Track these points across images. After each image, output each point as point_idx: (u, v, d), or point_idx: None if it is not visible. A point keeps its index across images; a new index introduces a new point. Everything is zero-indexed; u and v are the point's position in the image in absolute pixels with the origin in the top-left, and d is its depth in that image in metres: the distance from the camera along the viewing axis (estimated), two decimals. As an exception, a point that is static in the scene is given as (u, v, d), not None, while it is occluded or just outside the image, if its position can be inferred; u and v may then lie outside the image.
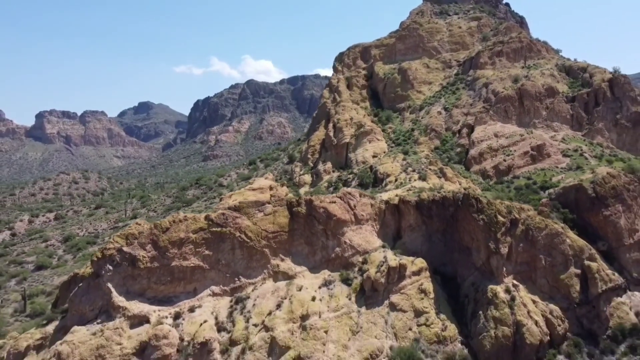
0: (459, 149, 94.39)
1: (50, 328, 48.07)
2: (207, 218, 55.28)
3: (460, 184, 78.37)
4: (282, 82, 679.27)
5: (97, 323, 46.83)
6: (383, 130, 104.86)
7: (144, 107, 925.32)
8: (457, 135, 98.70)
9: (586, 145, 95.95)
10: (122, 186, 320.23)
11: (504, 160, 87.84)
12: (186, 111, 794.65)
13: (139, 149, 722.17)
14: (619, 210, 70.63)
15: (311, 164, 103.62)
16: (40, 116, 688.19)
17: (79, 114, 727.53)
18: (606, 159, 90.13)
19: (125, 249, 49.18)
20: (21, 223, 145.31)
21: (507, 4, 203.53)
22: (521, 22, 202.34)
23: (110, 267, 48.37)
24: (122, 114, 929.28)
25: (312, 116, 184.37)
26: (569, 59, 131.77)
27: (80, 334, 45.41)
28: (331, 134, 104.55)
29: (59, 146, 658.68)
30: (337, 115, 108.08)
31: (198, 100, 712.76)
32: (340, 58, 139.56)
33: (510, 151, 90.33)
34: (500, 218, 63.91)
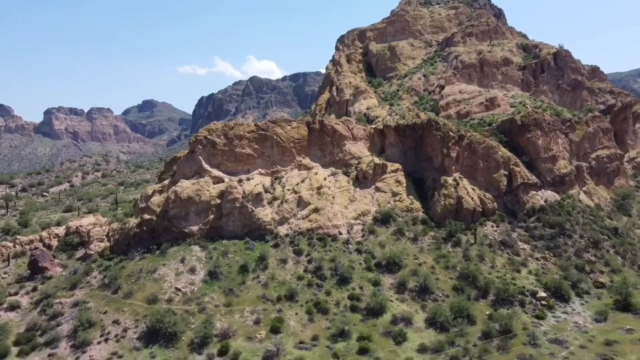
0: (432, 102, 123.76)
1: (165, 182, 77.64)
2: (255, 125, 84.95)
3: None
4: (284, 79, 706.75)
5: (194, 179, 76.39)
6: (375, 92, 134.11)
7: (148, 105, 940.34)
8: (432, 93, 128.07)
9: (530, 100, 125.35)
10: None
11: (464, 108, 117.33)
12: (189, 110, 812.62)
13: (144, 145, 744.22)
14: (538, 134, 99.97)
15: (319, 118, 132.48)
16: (48, 113, 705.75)
17: (85, 110, 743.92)
18: (542, 108, 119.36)
19: (208, 137, 78.85)
20: (77, 178, 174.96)
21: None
22: (499, 13, 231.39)
23: (200, 147, 78.03)
24: (127, 111, 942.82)
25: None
26: (528, 39, 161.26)
27: (185, 183, 75.03)
28: (334, 94, 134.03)
29: (67, 142, 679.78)
30: (339, 81, 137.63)
31: (202, 97, 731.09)
32: (341, 39, 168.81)
33: (470, 102, 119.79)
34: (451, 133, 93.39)
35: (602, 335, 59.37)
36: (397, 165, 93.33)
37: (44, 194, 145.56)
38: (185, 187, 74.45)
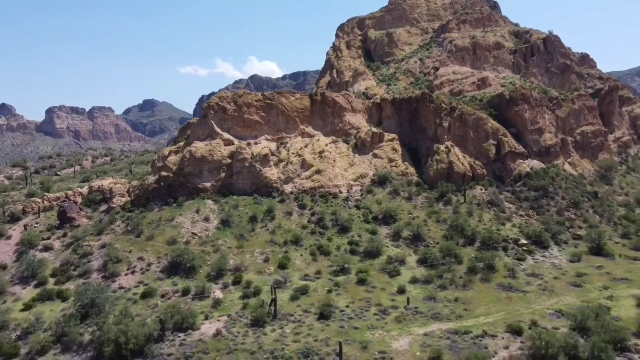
0: (427, 83, 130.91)
1: (180, 144, 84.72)
2: (262, 94, 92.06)
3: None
4: (284, 77, 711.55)
5: (207, 141, 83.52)
6: (373, 75, 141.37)
7: (148, 105, 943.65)
8: (427, 74, 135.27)
9: (520, 81, 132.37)
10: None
11: (457, 87, 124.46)
12: (190, 109, 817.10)
13: (144, 143, 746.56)
14: (525, 108, 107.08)
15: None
16: (50, 111, 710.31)
17: (87, 109, 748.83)
18: (531, 87, 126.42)
19: (219, 103, 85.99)
20: (87, 162, 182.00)
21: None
22: (494, 5, 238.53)
23: (212, 112, 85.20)
24: (127, 111, 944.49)
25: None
26: (520, 27, 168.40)
27: (199, 144, 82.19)
28: (335, 76, 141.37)
29: (68, 140, 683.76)
30: (339, 64, 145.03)
31: (203, 96, 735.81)
32: (341, 27, 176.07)
33: (463, 82, 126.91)
34: (443, 105, 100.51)
35: (574, 270, 66.47)
36: (393, 135, 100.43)
37: (58, 173, 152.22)
38: (199, 147, 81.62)
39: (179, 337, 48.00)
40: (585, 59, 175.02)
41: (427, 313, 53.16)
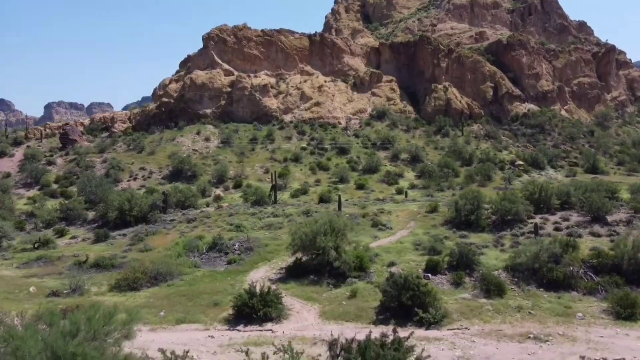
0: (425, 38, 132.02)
1: (181, 74, 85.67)
2: (262, 30, 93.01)
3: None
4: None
5: (207, 70, 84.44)
6: (372, 34, 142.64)
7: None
8: (425, 31, 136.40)
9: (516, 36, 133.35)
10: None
11: (455, 40, 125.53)
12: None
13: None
14: (522, 53, 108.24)
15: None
16: (48, 107, 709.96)
17: (85, 105, 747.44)
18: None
19: (219, 34, 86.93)
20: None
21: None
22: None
23: (213, 43, 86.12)
24: (126, 107, 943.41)
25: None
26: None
27: (199, 72, 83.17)
28: (334, 34, 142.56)
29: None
30: (337, 25, 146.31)
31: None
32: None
33: (461, 36, 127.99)
34: (441, 47, 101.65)
35: (569, 180, 67.49)
36: (391, 77, 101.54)
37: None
38: (200, 75, 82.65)
39: (181, 212, 48.99)
40: (582, 26, 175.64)
41: (425, 202, 54.17)
